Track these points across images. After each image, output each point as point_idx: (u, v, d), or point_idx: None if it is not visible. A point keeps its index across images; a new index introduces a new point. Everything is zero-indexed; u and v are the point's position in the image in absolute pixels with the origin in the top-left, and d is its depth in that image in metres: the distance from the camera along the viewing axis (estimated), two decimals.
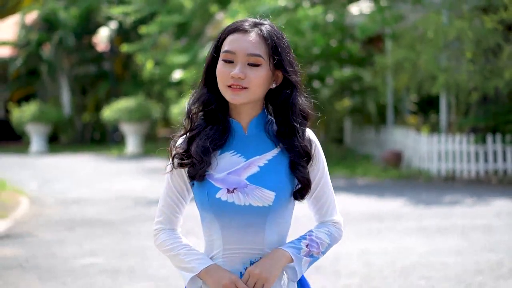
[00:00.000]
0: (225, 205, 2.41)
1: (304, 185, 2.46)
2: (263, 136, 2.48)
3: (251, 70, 2.40)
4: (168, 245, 2.50)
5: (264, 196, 2.41)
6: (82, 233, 9.13)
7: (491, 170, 14.01)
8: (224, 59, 2.41)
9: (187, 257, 2.45)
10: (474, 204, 10.98)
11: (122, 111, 22.20)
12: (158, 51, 22.10)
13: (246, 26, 2.43)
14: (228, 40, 2.43)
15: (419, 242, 8.14)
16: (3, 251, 8.07)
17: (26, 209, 11.21)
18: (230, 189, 2.41)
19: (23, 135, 25.24)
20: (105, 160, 20.31)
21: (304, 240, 2.47)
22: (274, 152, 2.46)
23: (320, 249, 2.48)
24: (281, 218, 2.45)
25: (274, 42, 2.42)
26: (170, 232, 2.53)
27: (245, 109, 2.46)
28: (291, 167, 2.45)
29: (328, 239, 2.51)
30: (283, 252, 2.43)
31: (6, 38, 25.79)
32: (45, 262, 7.51)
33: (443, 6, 14.50)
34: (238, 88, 2.39)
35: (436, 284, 6.29)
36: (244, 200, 2.41)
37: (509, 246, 7.82)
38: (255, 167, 2.44)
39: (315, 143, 2.52)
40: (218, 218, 2.42)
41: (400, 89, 17.04)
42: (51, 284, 6.58)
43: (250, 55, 2.40)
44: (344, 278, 6.56)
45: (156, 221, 2.56)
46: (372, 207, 10.89)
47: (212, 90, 2.47)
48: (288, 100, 2.45)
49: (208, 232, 2.48)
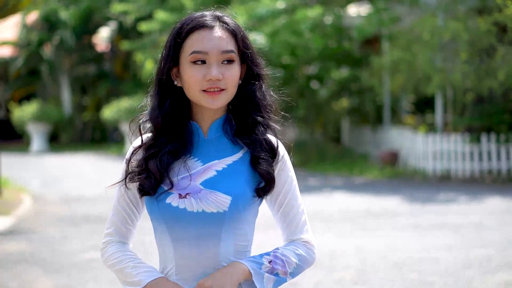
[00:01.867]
0: (175, 212, 2.17)
1: (267, 180, 2.21)
2: (225, 140, 2.26)
3: (227, 69, 2.17)
4: (115, 258, 2.26)
5: (218, 200, 2.17)
6: (84, 230, 9.37)
7: (486, 170, 14.26)
8: (194, 60, 2.16)
9: (135, 270, 2.21)
10: (468, 203, 11.22)
11: (122, 111, 22.44)
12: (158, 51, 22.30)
13: (209, 21, 2.20)
14: (193, 39, 2.18)
15: (413, 239, 8.38)
16: (8, 247, 8.31)
17: (29, 207, 11.44)
18: (182, 194, 2.18)
19: (23, 135, 25.48)
20: (105, 159, 20.54)
21: (267, 256, 2.20)
22: (236, 156, 2.24)
23: (286, 268, 2.20)
24: (239, 228, 2.20)
25: (241, 34, 2.22)
26: (120, 245, 2.29)
27: (210, 111, 2.24)
28: (252, 163, 2.22)
29: (297, 258, 2.23)
30: (240, 265, 2.17)
31: (7, 38, 25.97)
32: (49, 256, 7.75)
33: (439, 8, 14.75)
34: (217, 91, 2.16)
35: (427, 277, 6.53)
36: (196, 206, 2.17)
37: (499, 242, 8.06)
38: (211, 172, 2.21)
39: (283, 151, 2.28)
40: (169, 227, 2.19)
41: (397, 90, 17.27)
42: (56, 277, 6.82)
43: (224, 52, 2.17)
44: (339, 272, 6.80)
45: (105, 233, 2.31)
46: (368, 205, 11.12)
47: (169, 97, 2.23)
48: (251, 94, 2.24)
49: (160, 246, 2.25)
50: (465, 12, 14.33)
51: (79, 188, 13.89)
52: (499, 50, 13.36)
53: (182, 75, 2.20)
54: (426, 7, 15.21)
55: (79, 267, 7.22)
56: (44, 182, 14.88)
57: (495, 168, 14.21)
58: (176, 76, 2.22)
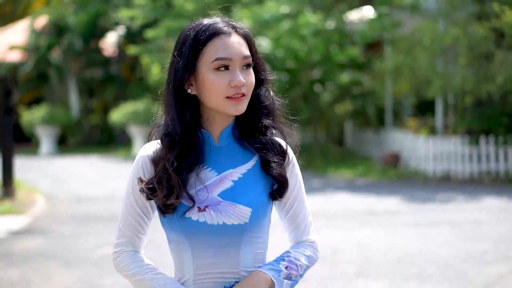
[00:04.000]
0: (196, 225, 2.16)
1: (280, 182, 2.23)
2: (236, 146, 2.25)
3: (247, 74, 2.17)
4: (132, 269, 2.23)
5: (239, 212, 2.17)
6: (97, 228, 9.76)
7: (484, 171, 14.63)
8: (218, 67, 2.14)
9: (154, 282, 2.19)
10: (466, 202, 11.61)
11: (129, 114, 22.83)
12: (165, 55, 22.66)
13: (224, 27, 2.18)
14: (214, 45, 2.15)
15: (413, 235, 8.78)
16: (26, 244, 8.70)
17: (43, 207, 11.83)
18: (201, 207, 2.16)
19: (32, 138, 25.87)
20: (113, 161, 20.93)
21: (283, 262, 2.23)
22: (250, 164, 2.24)
23: (299, 272, 2.25)
24: (258, 237, 2.22)
25: (252, 40, 2.23)
26: (133, 254, 2.26)
27: (221, 118, 2.22)
28: (263, 167, 2.23)
29: (307, 261, 2.28)
30: (263, 274, 2.18)
31: (16, 43, 26.33)
32: (65, 252, 8.15)
33: (439, 14, 15.13)
34: (240, 96, 2.16)
35: (426, 270, 6.93)
36: (217, 219, 2.16)
37: (494, 237, 8.46)
38: (228, 182, 2.20)
39: (292, 154, 2.30)
40: (189, 239, 2.18)
41: (399, 93, 17.65)
42: (74, 271, 7.21)
43: (244, 57, 2.17)
44: (342, 266, 7.19)
45: (116, 243, 2.28)
46: (371, 204, 11.51)
47: (186, 107, 2.20)
48: (260, 98, 2.25)
49: (177, 256, 2.23)
50: (465, 18, 14.64)
51: (89, 189, 14.27)
52: (497, 55, 13.70)
53: (202, 82, 2.16)
54: (427, 13, 15.60)
55: (96, 262, 7.60)
56: (55, 183, 15.27)
57: (494, 169, 14.59)
58: (189, 84, 2.19)
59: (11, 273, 7.15)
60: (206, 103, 2.18)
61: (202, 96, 2.18)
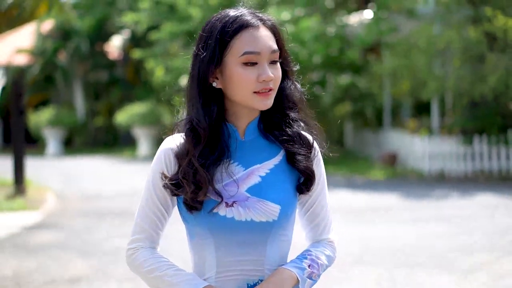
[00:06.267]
0: (223, 221, 2.09)
1: (307, 176, 2.17)
2: (262, 140, 2.18)
3: (274, 69, 2.10)
4: (150, 265, 2.14)
5: (268, 210, 2.10)
6: (108, 222, 10.23)
7: (478, 169, 15.11)
8: (246, 61, 2.07)
9: (175, 278, 2.10)
10: (460, 199, 12.10)
11: (134, 116, 23.33)
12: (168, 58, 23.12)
13: (252, 19, 2.10)
14: (242, 39, 2.08)
15: (408, 229, 9.28)
16: (41, 237, 9.18)
17: (54, 203, 12.30)
18: (229, 203, 2.09)
19: (38, 139, 26.36)
20: (119, 162, 21.40)
21: (306, 260, 2.17)
22: (277, 159, 2.17)
23: (319, 272, 2.19)
24: (284, 234, 2.17)
25: (279, 32, 2.15)
26: (151, 250, 2.17)
27: (247, 112, 2.15)
28: (289, 160, 2.17)
29: (327, 260, 2.22)
30: (289, 272, 2.12)
31: (23, 46, 26.77)
32: (80, 244, 8.63)
33: (436, 18, 15.60)
34: (268, 91, 2.09)
35: (417, 259, 7.44)
36: (244, 215, 2.09)
37: (484, 231, 8.97)
38: (255, 177, 2.13)
39: (318, 149, 2.24)
40: (214, 235, 2.10)
41: (397, 95, 18.12)
42: (89, 260, 7.70)
43: (273, 52, 2.10)
44: (340, 256, 7.66)
45: (133, 239, 2.19)
46: (369, 201, 12.00)
47: (212, 100, 2.13)
48: (287, 91, 2.19)
49: (198, 251, 2.15)
50: (460, 21, 15.04)
51: (97, 187, 14.72)
52: (490, 57, 14.12)
53: (229, 76, 2.09)
54: (423, 17, 16.07)
55: (109, 253, 8.04)
56: (64, 182, 15.72)
57: (487, 167, 15.06)
58: (214, 77, 2.12)
59: (28, 263, 7.60)
60: (232, 97, 2.11)
61: (228, 90, 2.11)
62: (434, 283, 6.48)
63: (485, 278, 6.58)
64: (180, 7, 20.99)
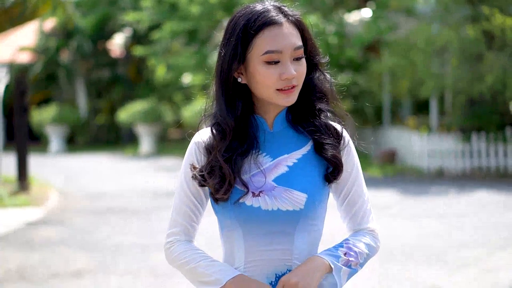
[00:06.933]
0: (250, 211, 2.10)
1: (335, 164, 2.16)
2: (291, 131, 2.19)
3: (298, 65, 2.11)
4: (185, 257, 2.16)
5: (294, 198, 2.10)
6: (111, 219, 10.40)
7: (476, 167, 15.28)
8: (269, 60, 2.07)
9: (209, 269, 2.12)
10: (457, 195, 12.26)
11: (136, 114, 23.50)
12: (170, 56, 23.27)
13: (275, 16, 2.09)
14: (265, 37, 2.08)
15: (405, 225, 9.45)
16: (45, 232, 9.35)
17: (56, 200, 12.47)
18: (255, 193, 2.10)
19: (41, 137, 26.54)
20: (121, 159, 21.58)
21: (342, 248, 2.14)
22: (305, 150, 2.17)
23: (358, 260, 2.15)
24: (313, 224, 2.14)
25: (303, 25, 2.15)
26: (187, 243, 2.19)
27: (274, 105, 2.16)
28: (317, 150, 2.16)
29: (367, 249, 2.18)
30: (321, 259, 2.09)
31: (26, 44, 26.94)
32: (83, 240, 8.81)
33: (434, 17, 15.73)
34: (291, 88, 2.10)
35: (411, 254, 7.62)
36: (271, 205, 2.10)
37: (478, 226, 9.15)
38: (283, 167, 2.13)
39: (348, 138, 2.25)
40: (242, 225, 2.12)
41: (397, 93, 18.26)
42: (91, 255, 7.87)
43: (296, 49, 2.10)
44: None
45: (169, 232, 2.21)
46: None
47: (236, 96, 2.14)
48: (314, 83, 2.19)
49: (228, 242, 2.17)
50: (458, 20, 15.16)
51: (99, 184, 14.90)
52: (488, 56, 14.24)
53: (252, 74, 2.10)
54: (422, 15, 16.22)
55: (110, 249, 8.21)
56: (66, 180, 15.89)
57: (485, 165, 15.22)
58: (239, 73, 2.14)
59: (32, 257, 7.79)
60: (257, 93, 2.13)
61: (252, 87, 2.13)
62: (425, 277, 6.65)
63: (476, 272, 6.75)
64: (181, 5, 21.11)
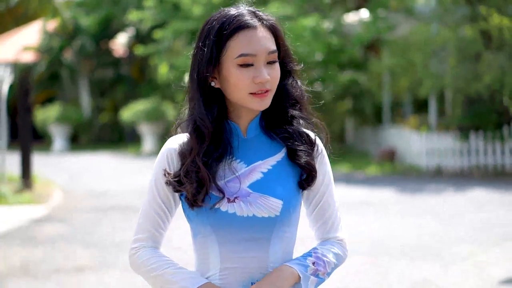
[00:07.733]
0: (225, 217, 2.07)
1: (308, 171, 2.15)
2: (264, 138, 2.18)
3: (272, 69, 2.08)
4: (151, 264, 2.12)
5: (270, 205, 2.08)
6: (113, 217, 10.57)
7: (474, 165, 15.44)
8: (242, 63, 2.05)
9: (175, 276, 2.08)
10: (455, 193, 12.43)
11: (139, 113, 23.68)
12: (172, 55, 23.43)
13: (250, 19, 2.08)
14: (238, 40, 2.06)
15: (402, 222, 9.62)
16: (48, 229, 9.55)
17: (60, 198, 12.66)
18: (230, 199, 2.08)
19: (44, 136, 26.74)
20: (124, 158, 21.78)
21: (310, 258, 2.13)
22: (279, 156, 2.16)
23: (326, 269, 2.14)
24: (287, 231, 2.13)
25: (278, 31, 2.13)
26: (153, 250, 2.15)
27: (247, 111, 2.14)
28: (290, 157, 2.15)
29: (335, 258, 2.16)
30: (290, 269, 2.09)
31: (29, 44, 27.14)
32: (85, 237, 8.99)
33: (433, 17, 15.89)
34: (264, 92, 2.07)
35: (405, 249, 7.79)
36: (247, 211, 2.08)
37: (474, 224, 9.32)
38: (257, 174, 2.12)
39: (321, 146, 2.22)
40: (216, 231, 2.09)
41: (397, 92, 18.42)
42: (93, 251, 8.05)
43: (270, 53, 2.08)
44: None
45: (135, 238, 2.17)
46: (365, 196, 12.33)
47: (212, 100, 2.12)
48: (288, 89, 2.17)
49: (202, 249, 2.13)
50: (457, 20, 15.30)
51: (101, 182, 15.08)
52: (485, 56, 14.39)
53: (226, 77, 2.08)
54: (421, 16, 16.37)
55: (112, 245, 8.38)
56: (70, 178, 16.09)
57: (482, 163, 15.38)
58: (213, 77, 2.12)
59: (35, 253, 7.97)
60: (230, 98, 2.11)
61: (226, 91, 2.11)
62: (418, 272, 6.81)
63: (469, 268, 6.92)
64: (184, 5, 21.28)
